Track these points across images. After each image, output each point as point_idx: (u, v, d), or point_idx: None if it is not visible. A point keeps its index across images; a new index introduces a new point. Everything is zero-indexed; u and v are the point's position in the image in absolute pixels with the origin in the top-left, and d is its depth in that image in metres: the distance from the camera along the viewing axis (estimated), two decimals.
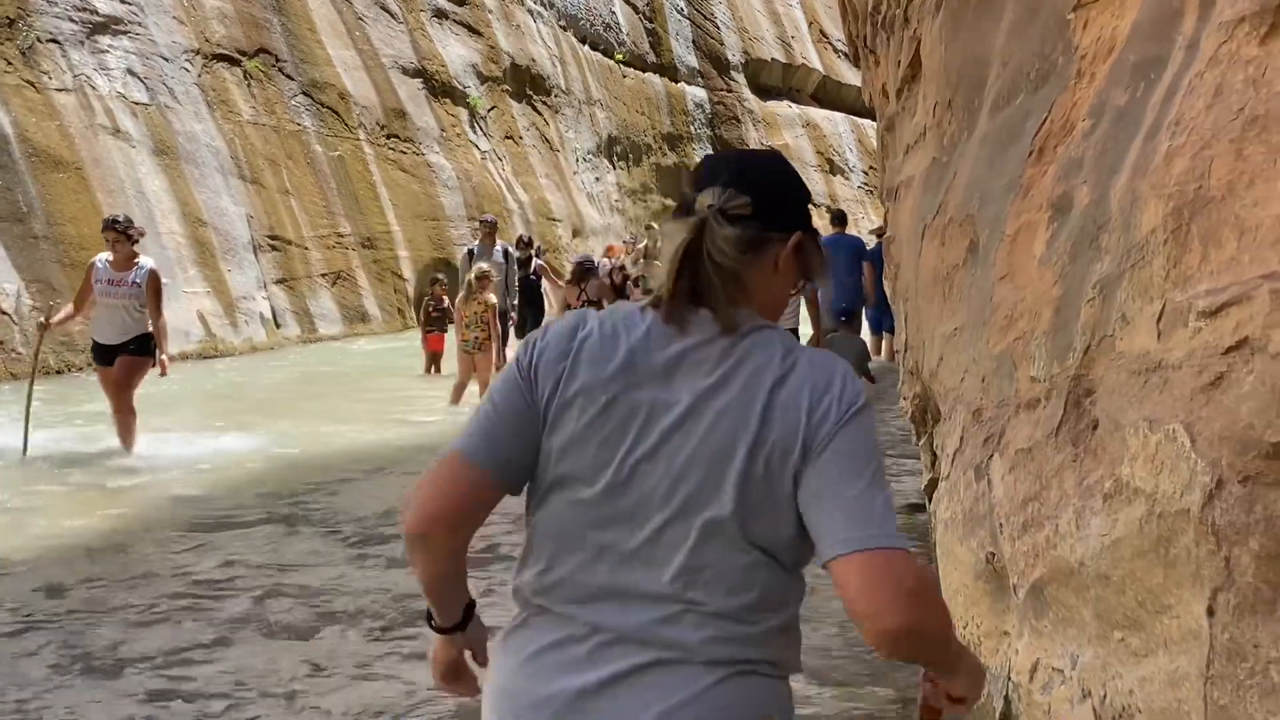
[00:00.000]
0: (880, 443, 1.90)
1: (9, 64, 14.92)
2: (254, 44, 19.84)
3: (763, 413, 1.83)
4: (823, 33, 40.79)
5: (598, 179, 30.62)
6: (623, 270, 15.41)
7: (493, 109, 26.35)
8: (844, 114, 40.03)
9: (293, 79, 20.60)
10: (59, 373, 13.64)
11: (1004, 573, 3.66)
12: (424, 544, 1.92)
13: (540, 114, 28.30)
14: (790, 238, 1.94)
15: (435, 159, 23.51)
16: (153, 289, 9.37)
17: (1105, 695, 2.93)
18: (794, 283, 1.99)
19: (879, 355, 15.25)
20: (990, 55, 5.13)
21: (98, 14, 16.74)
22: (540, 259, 17.29)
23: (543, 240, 25.57)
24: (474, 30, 26.34)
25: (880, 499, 1.81)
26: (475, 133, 25.50)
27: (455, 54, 25.32)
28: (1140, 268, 2.92)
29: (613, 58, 32.42)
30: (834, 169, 38.38)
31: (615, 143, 31.65)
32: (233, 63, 19.28)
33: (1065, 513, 3.14)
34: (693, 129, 35.14)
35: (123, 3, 17.27)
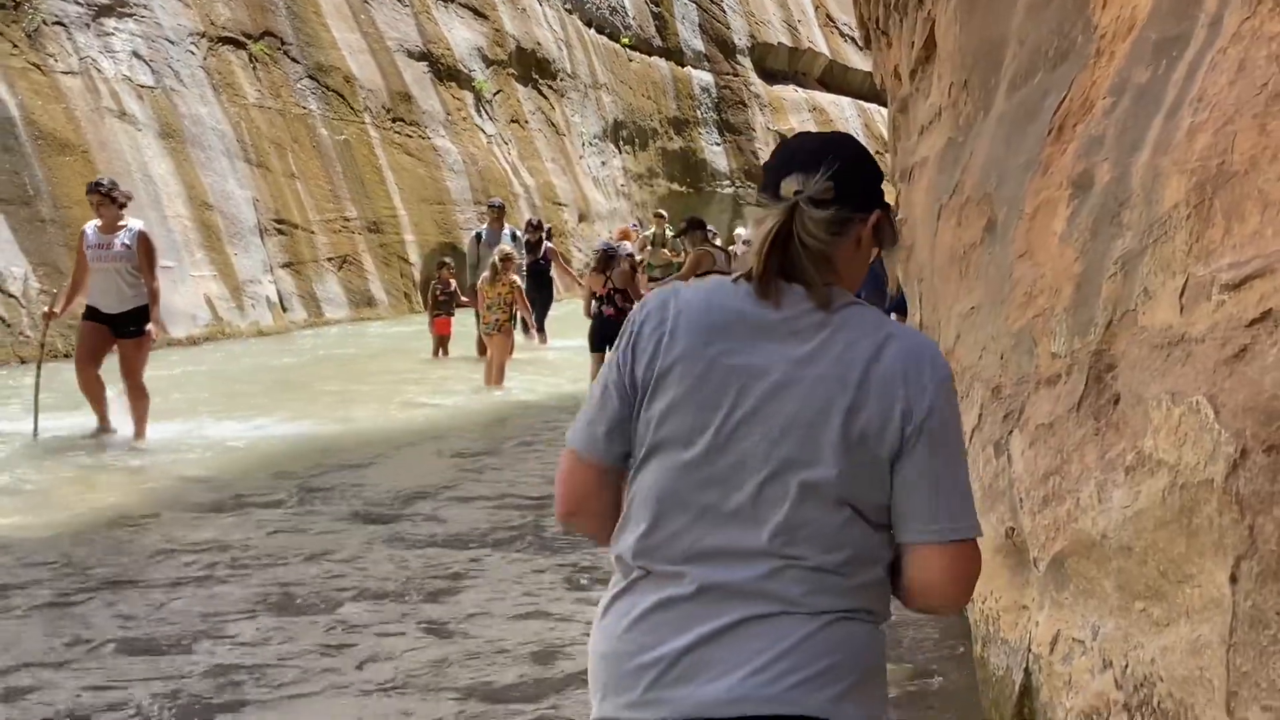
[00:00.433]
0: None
1: (15, 47, 14.93)
2: (259, 27, 19.83)
3: (859, 383, 1.94)
4: (829, 17, 40.67)
5: (604, 163, 30.60)
6: (632, 258, 15.48)
7: (498, 92, 26.32)
8: (850, 98, 39.92)
9: (298, 62, 20.59)
10: (67, 356, 13.67)
11: (1024, 547, 3.69)
12: (574, 526, 2.17)
13: (546, 98, 28.26)
14: (870, 217, 2.07)
15: (441, 143, 23.50)
16: (144, 251, 9.21)
17: (1126, 665, 2.96)
18: (870, 257, 2.12)
19: None
20: (1007, 35, 5.14)
21: None
22: (550, 243, 17.31)
23: (551, 225, 25.61)
24: (479, 13, 26.30)
25: (965, 483, 1.98)
26: (481, 116, 25.48)
27: (461, 37, 25.28)
28: (1163, 243, 2.94)
29: (619, 41, 32.37)
30: None
31: (621, 127, 31.62)
32: (238, 46, 19.26)
33: (1087, 486, 3.17)
34: (699, 113, 35.09)
35: None
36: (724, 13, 36.70)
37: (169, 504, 7.26)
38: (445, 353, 15.11)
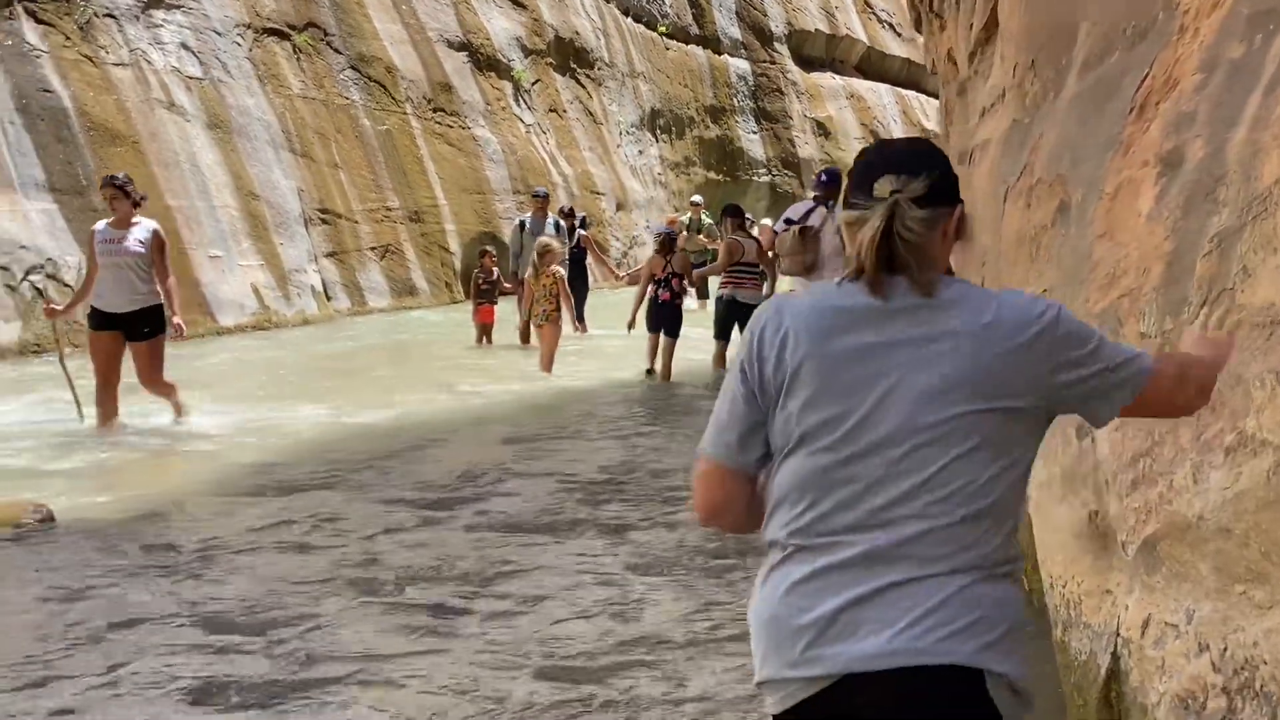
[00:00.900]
0: None
1: (67, 39, 15.05)
2: (303, 18, 19.89)
3: (983, 345, 2.14)
4: (866, 3, 40.44)
5: (640, 152, 30.56)
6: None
7: (537, 82, 26.32)
8: (888, 85, 39.72)
9: (341, 53, 20.65)
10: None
11: (1108, 530, 3.65)
12: (716, 527, 2.42)
13: (584, 87, 28.24)
14: (954, 210, 2.26)
15: (481, 132, 23.52)
16: (158, 248, 8.97)
17: (1225, 648, 2.92)
18: (951, 247, 2.30)
19: None
20: (1078, 14, 5.08)
21: None
22: (584, 230, 17.27)
23: (587, 213, 25.61)
24: (518, 3, 26.30)
25: (1121, 346, 2.30)
26: (520, 106, 25.49)
27: (500, 27, 25.29)
28: (1263, 219, 2.90)
29: (656, 30, 32.29)
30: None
31: (658, 115, 31.56)
32: (283, 37, 19.34)
33: (1181, 468, 3.13)
34: (735, 101, 34.97)
35: None
36: (761, 0, 36.57)
37: (230, 488, 7.33)
38: (489, 341, 15.13)
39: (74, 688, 4.32)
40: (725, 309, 12.37)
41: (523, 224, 15.37)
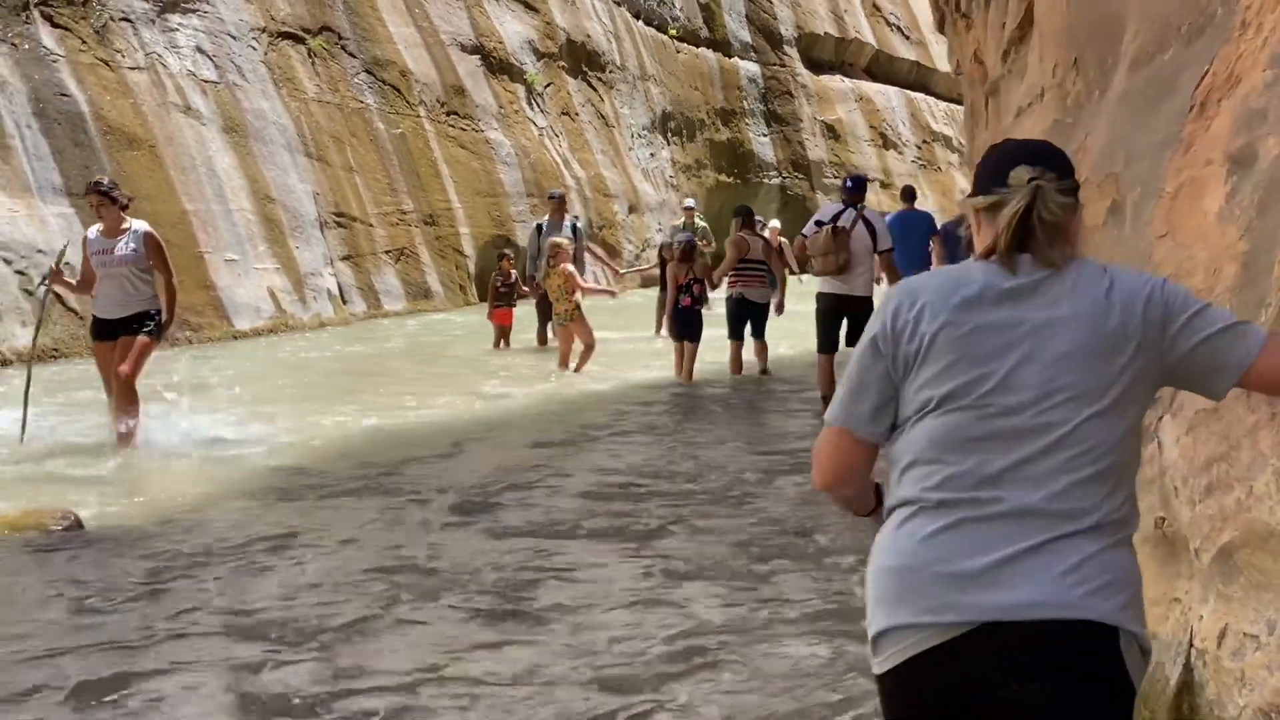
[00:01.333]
0: None
1: (84, 43, 15.02)
2: (317, 21, 19.86)
3: (1106, 312, 2.30)
4: (875, 5, 40.35)
5: (652, 155, 30.49)
6: (672, 248, 15.51)
7: (549, 85, 26.27)
8: (896, 88, 39.62)
9: (355, 56, 20.61)
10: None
11: (1176, 537, 3.57)
12: (830, 494, 2.52)
13: (596, 90, 28.19)
14: (1077, 203, 2.43)
15: (494, 135, 23.48)
16: (155, 250, 8.61)
17: None
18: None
19: None
20: (1126, 11, 5.01)
21: None
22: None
23: (599, 216, 25.53)
24: (530, 6, 26.25)
25: (1229, 314, 2.40)
26: (532, 109, 25.44)
27: (512, 30, 25.25)
28: None
29: (666, 33, 32.23)
30: (887, 143, 38.03)
31: (669, 118, 31.49)
32: (297, 40, 19.30)
33: (1263, 474, 3.05)
34: (746, 104, 34.89)
35: None
36: (770, 3, 36.50)
37: (263, 493, 7.27)
38: (506, 344, 15.07)
39: (109, 701, 4.25)
40: (736, 307, 12.48)
41: (540, 227, 15.29)
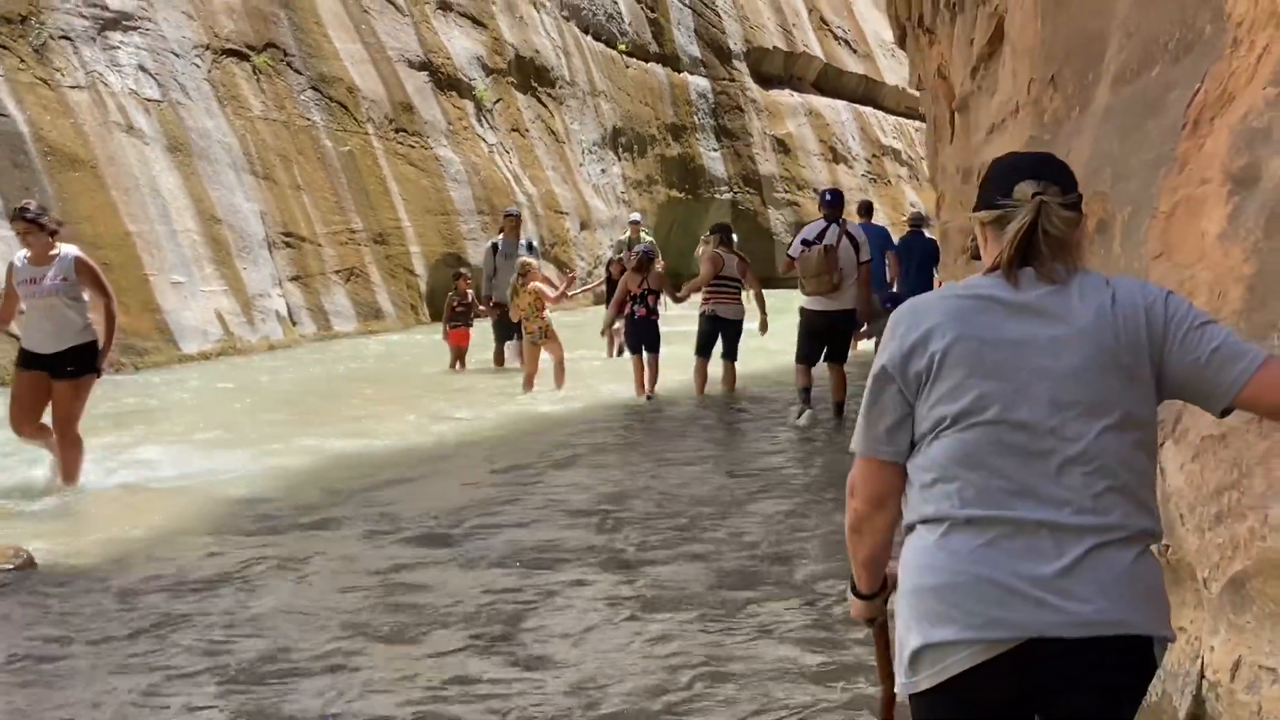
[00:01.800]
0: None
1: (23, 62, 14.69)
2: (262, 38, 19.59)
3: (1112, 324, 2.33)
4: (823, 20, 40.48)
5: (603, 170, 30.38)
6: (620, 263, 15.45)
7: (498, 101, 26.10)
8: (845, 101, 39.75)
9: (301, 73, 20.35)
10: None
11: (1181, 565, 3.48)
12: (870, 524, 2.46)
13: (545, 106, 28.04)
14: (1081, 215, 2.47)
15: (443, 152, 23.27)
16: (88, 275, 7.98)
17: None
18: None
19: None
20: (1107, 28, 4.94)
21: (108, 9, 16.48)
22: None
23: (551, 233, 25.35)
24: (478, 22, 26.08)
25: (1229, 332, 2.38)
26: (482, 126, 25.26)
27: (460, 46, 25.06)
28: None
29: (615, 48, 32.15)
30: (837, 157, 38.11)
31: (620, 134, 31.40)
32: (242, 58, 19.02)
33: (1278, 503, 2.96)
34: (696, 119, 34.87)
35: None
36: (719, 17, 36.52)
37: (224, 526, 7.04)
38: (463, 364, 14.88)
39: None
40: (708, 324, 12.25)
41: (495, 246, 15.10)
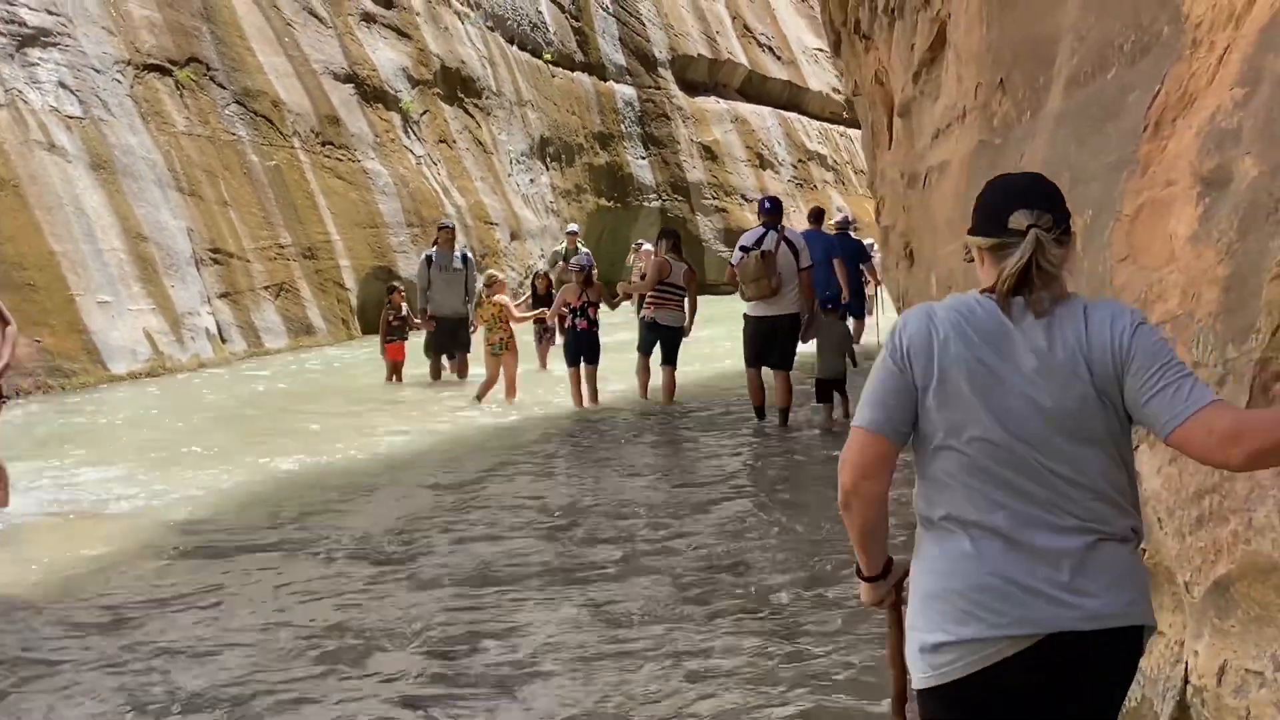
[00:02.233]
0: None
1: None
2: (184, 52, 19.25)
3: (1087, 350, 2.52)
4: (746, 27, 40.68)
5: (532, 180, 30.25)
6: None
7: (425, 113, 25.89)
8: (770, 108, 39.96)
9: (225, 87, 20.03)
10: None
11: (1158, 569, 3.47)
12: (857, 495, 2.59)
13: (472, 116, 27.88)
14: (1071, 240, 2.66)
15: (371, 165, 23.03)
16: None
17: None
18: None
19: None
20: (1056, 31, 4.95)
21: (26, 26, 16.10)
22: None
23: (481, 244, 25.16)
24: (403, 33, 25.87)
25: (1187, 374, 2.50)
26: (409, 137, 25.04)
27: (385, 58, 24.84)
28: None
29: (541, 58, 32.06)
30: (764, 163, 38.29)
31: (548, 143, 31.31)
32: (164, 73, 18.67)
33: (1262, 505, 2.96)
34: (623, 127, 34.87)
35: (50, 14, 16.61)
36: (644, 26, 36.56)
37: (166, 552, 6.86)
38: (399, 378, 14.71)
39: None
40: (647, 330, 12.35)
41: (429, 258, 14.93)
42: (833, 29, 10.34)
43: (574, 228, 20.69)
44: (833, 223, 18.60)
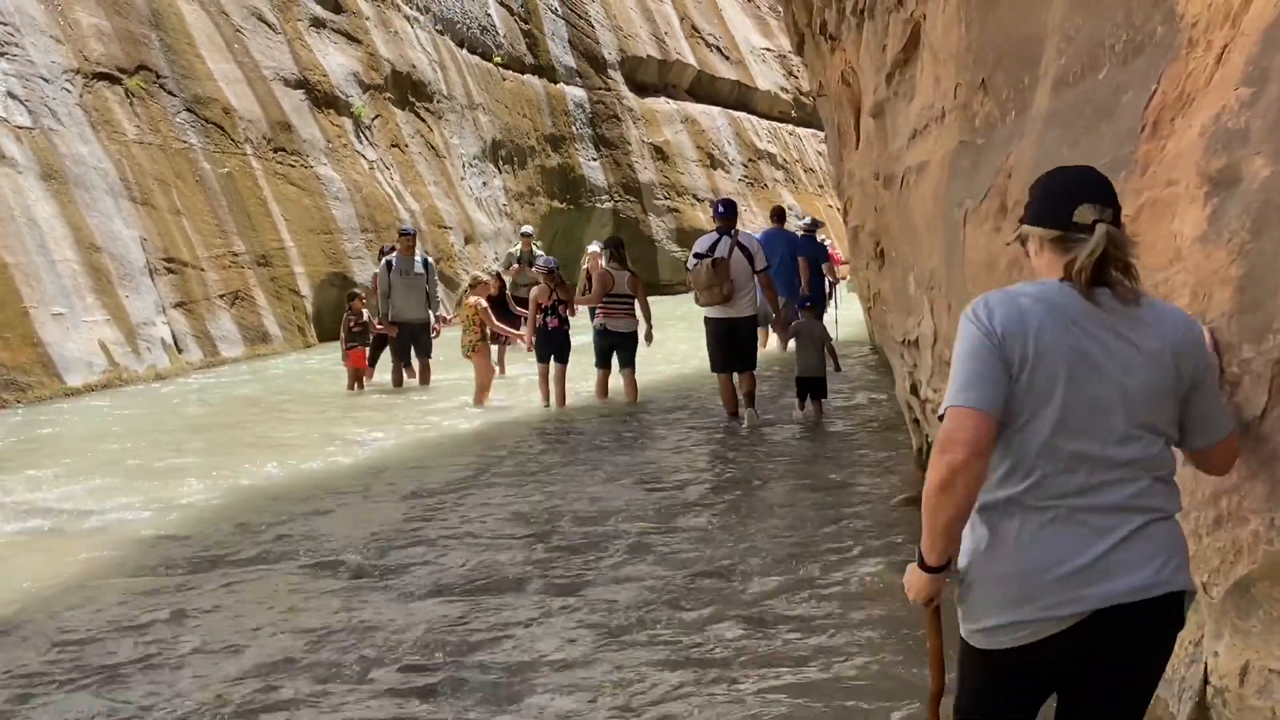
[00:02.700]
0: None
1: None
2: (133, 60, 19.01)
3: (1172, 356, 2.71)
4: (694, 27, 40.76)
5: (485, 184, 30.13)
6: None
7: (377, 117, 25.73)
8: (720, 108, 40.05)
9: (175, 95, 19.79)
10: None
11: None
12: (967, 473, 2.60)
13: (424, 120, 27.73)
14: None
15: (324, 171, 22.85)
16: None
17: None
18: None
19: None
20: (1041, 31, 4.96)
21: None
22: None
23: (435, 248, 25.01)
24: (352, 38, 25.69)
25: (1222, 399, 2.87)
26: (361, 142, 24.87)
27: (336, 63, 24.66)
28: None
29: (491, 61, 31.96)
30: (714, 163, 38.38)
31: (500, 146, 31.20)
32: (114, 81, 18.43)
33: None
34: (574, 129, 34.83)
35: None
36: (592, 28, 36.54)
37: (142, 568, 6.73)
38: (361, 385, 14.58)
39: None
40: (601, 339, 12.68)
41: (390, 263, 14.84)
42: (796, 30, 10.34)
43: (528, 229, 20.62)
44: (800, 225, 18.70)
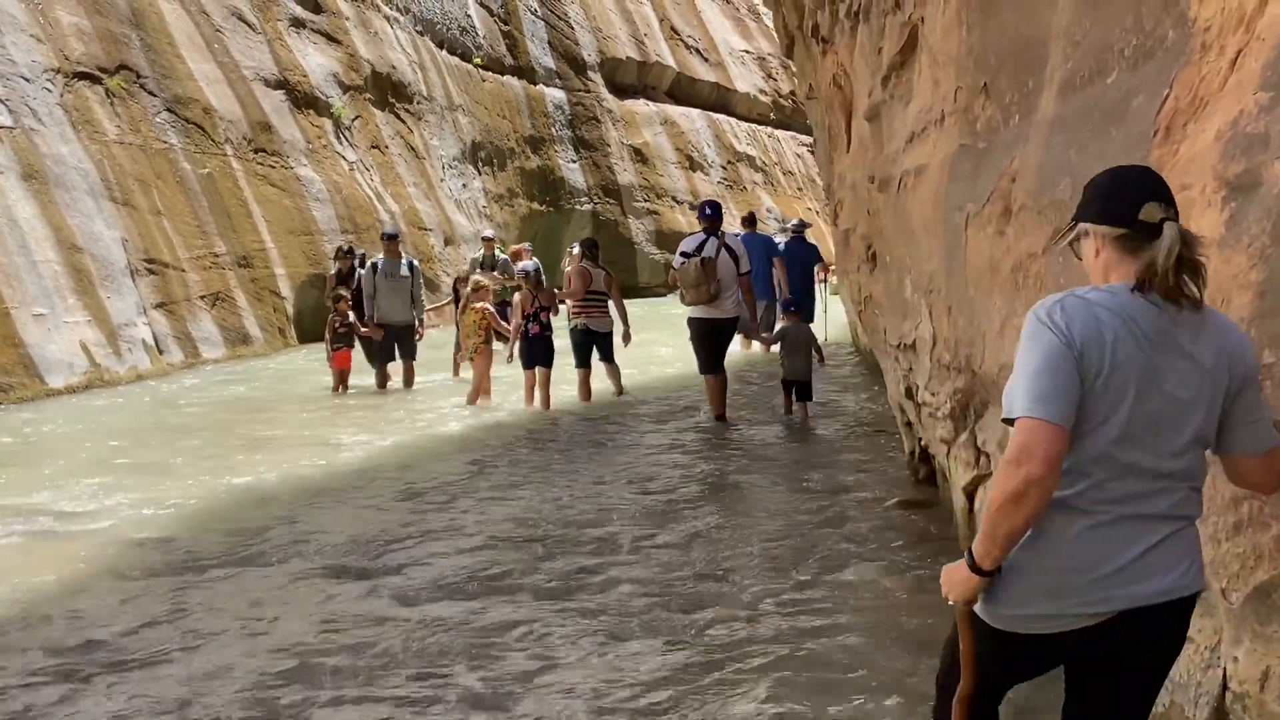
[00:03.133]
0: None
1: None
2: (114, 60, 18.88)
3: (1227, 369, 2.73)
4: (673, 29, 40.78)
5: (464, 185, 30.06)
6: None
7: (357, 118, 25.64)
8: (699, 110, 40.08)
9: (156, 95, 19.67)
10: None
11: None
12: (1042, 487, 2.59)
13: (404, 121, 27.65)
14: None
15: (304, 172, 22.75)
16: None
17: None
18: None
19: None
20: (1045, 35, 4.96)
21: None
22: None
23: (415, 250, 24.94)
24: (332, 39, 25.60)
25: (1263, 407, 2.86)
26: (341, 143, 24.78)
27: (316, 63, 24.56)
28: None
29: (471, 62, 31.89)
30: (694, 165, 38.40)
31: (479, 148, 31.13)
32: (94, 81, 18.30)
33: None
34: (554, 131, 34.79)
35: None
36: (572, 29, 36.51)
37: (133, 572, 6.67)
38: (345, 387, 14.51)
39: None
40: (581, 337, 12.76)
41: (374, 265, 14.79)
42: (786, 33, 10.35)
43: (489, 233, 20.53)
44: (789, 227, 18.75)
